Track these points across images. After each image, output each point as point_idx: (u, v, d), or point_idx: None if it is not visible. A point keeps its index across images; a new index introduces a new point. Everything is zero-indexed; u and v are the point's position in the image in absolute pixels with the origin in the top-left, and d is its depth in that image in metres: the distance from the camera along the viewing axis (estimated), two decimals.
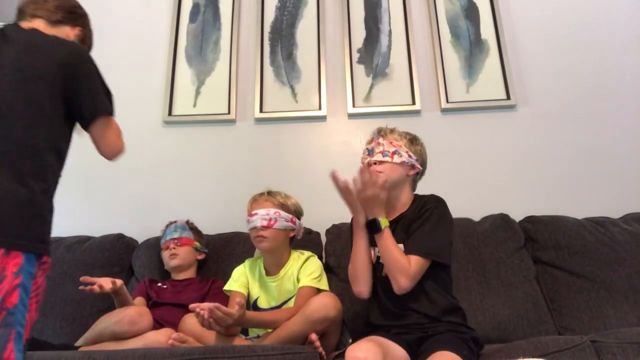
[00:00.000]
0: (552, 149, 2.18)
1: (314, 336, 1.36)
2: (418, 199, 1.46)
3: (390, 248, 1.31)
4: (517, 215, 1.94)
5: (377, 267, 1.40)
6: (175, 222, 1.89)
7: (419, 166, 1.47)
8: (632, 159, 2.15)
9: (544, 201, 2.08)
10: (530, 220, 1.91)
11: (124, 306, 1.56)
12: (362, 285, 1.40)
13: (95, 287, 1.49)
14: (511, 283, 1.71)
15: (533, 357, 1.13)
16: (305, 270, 1.61)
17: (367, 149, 1.49)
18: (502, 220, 1.88)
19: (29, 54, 1.10)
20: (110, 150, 1.19)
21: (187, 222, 1.90)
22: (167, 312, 1.64)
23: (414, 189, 1.51)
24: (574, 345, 1.19)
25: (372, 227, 1.34)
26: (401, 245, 1.37)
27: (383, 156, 1.43)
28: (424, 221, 1.36)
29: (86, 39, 1.34)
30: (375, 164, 1.43)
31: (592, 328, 1.60)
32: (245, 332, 1.60)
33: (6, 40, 1.12)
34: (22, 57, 1.09)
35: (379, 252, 1.36)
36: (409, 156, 1.44)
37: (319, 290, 1.56)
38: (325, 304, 1.41)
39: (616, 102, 2.24)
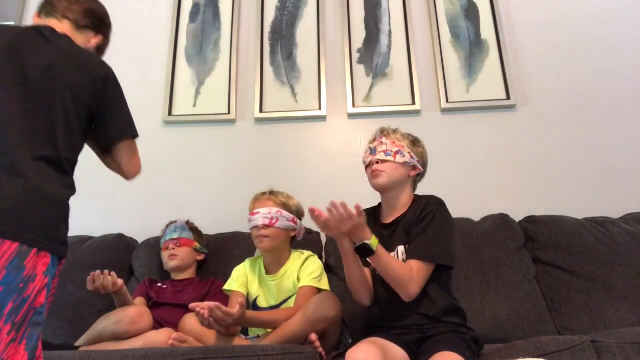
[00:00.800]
0: (552, 149, 2.18)
1: (314, 336, 1.36)
2: (418, 200, 1.45)
3: (389, 266, 1.29)
4: (517, 215, 1.94)
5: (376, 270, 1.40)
6: (175, 222, 1.88)
7: (420, 167, 1.47)
8: (632, 159, 2.15)
9: (544, 201, 2.08)
10: (530, 220, 1.91)
11: (124, 306, 1.56)
12: (362, 297, 1.42)
13: (101, 289, 1.52)
14: (511, 283, 1.71)
15: (533, 357, 1.13)
16: (305, 270, 1.61)
17: (369, 147, 1.49)
18: (502, 220, 1.88)
19: (63, 61, 1.11)
20: (135, 171, 1.27)
21: (187, 223, 1.90)
22: (167, 312, 1.64)
23: (414, 190, 1.51)
24: (574, 345, 1.19)
25: (364, 252, 1.28)
26: (401, 247, 1.37)
27: (386, 155, 1.43)
28: (426, 225, 1.35)
29: (103, 48, 1.37)
30: (377, 162, 1.43)
31: (592, 328, 1.60)
32: (245, 332, 1.60)
33: (46, 40, 1.12)
34: (58, 63, 1.10)
35: (379, 271, 1.35)
36: (411, 157, 1.44)
37: (319, 290, 1.56)
38: (325, 304, 1.41)
39: (616, 102, 2.24)
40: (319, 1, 2.47)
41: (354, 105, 2.28)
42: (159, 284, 1.76)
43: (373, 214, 1.53)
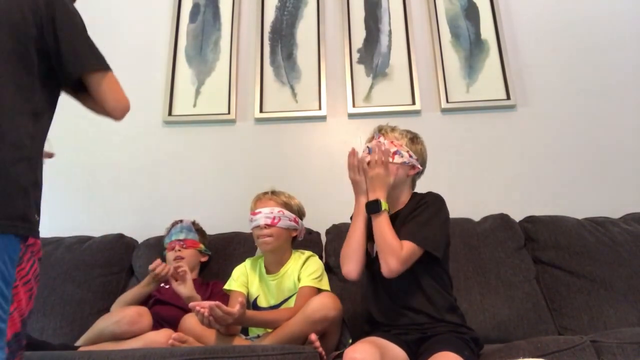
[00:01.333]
0: (552, 149, 2.18)
1: (313, 336, 1.36)
2: (416, 197, 1.45)
3: (385, 230, 1.31)
4: (517, 215, 1.94)
5: (376, 262, 1.39)
6: (181, 221, 1.87)
7: (419, 166, 1.47)
8: (632, 159, 2.15)
9: (544, 201, 2.08)
10: (530, 220, 1.91)
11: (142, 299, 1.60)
12: (352, 264, 1.38)
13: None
14: (511, 283, 1.71)
15: (533, 357, 1.13)
16: (306, 270, 1.61)
17: (367, 147, 1.48)
18: (502, 220, 1.88)
19: None
20: (119, 106, 1.07)
21: (193, 223, 1.89)
22: (167, 311, 1.64)
23: (413, 187, 1.51)
24: (574, 345, 1.19)
25: (372, 207, 1.34)
26: None
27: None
28: (419, 212, 1.36)
29: None
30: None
31: (592, 328, 1.60)
32: (245, 332, 1.60)
33: None
34: None
35: (374, 233, 1.35)
36: (410, 156, 1.44)
37: (319, 290, 1.56)
38: (325, 304, 1.41)
39: (616, 102, 2.24)
40: (319, 1, 2.47)
41: (354, 105, 2.28)
42: (162, 284, 1.76)
43: None
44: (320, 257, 1.81)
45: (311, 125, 2.29)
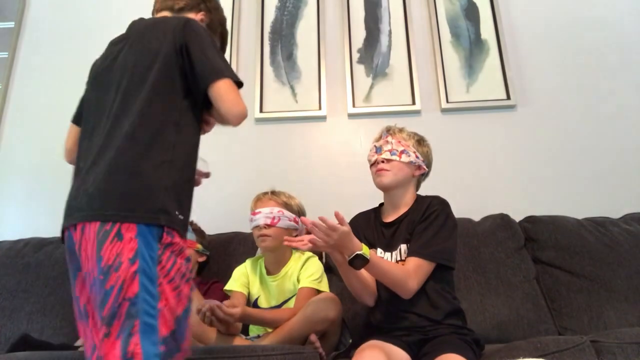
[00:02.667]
0: (552, 149, 2.18)
1: (313, 337, 1.36)
2: (421, 200, 1.45)
3: (385, 271, 1.28)
4: (517, 215, 1.94)
5: None
6: None
7: (425, 167, 1.47)
8: (632, 159, 2.15)
9: (544, 201, 2.08)
10: (530, 220, 1.91)
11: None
12: (366, 300, 1.40)
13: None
14: (511, 283, 1.71)
15: (533, 357, 1.13)
16: (305, 271, 1.61)
17: (374, 146, 1.49)
18: (502, 220, 1.88)
19: (145, 33, 1.15)
20: (233, 111, 1.08)
21: (191, 223, 1.88)
22: None
23: (417, 189, 1.51)
24: (574, 345, 1.19)
25: (358, 263, 1.23)
26: (404, 246, 1.37)
27: (391, 154, 1.43)
28: (428, 224, 1.35)
29: (212, 23, 1.34)
30: (383, 162, 1.43)
31: (592, 328, 1.60)
32: (245, 332, 1.60)
33: (130, 29, 1.24)
34: (139, 38, 1.14)
35: (375, 277, 1.34)
36: (416, 156, 1.44)
37: (319, 292, 1.56)
38: (325, 305, 1.41)
39: (616, 102, 2.24)
40: (319, 1, 2.47)
41: (354, 105, 2.28)
42: None
43: (374, 213, 1.53)
44: (320, 258, 1.81)
45: (311, 125, 2.29)
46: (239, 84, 1.11)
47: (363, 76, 2.34)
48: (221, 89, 1.07)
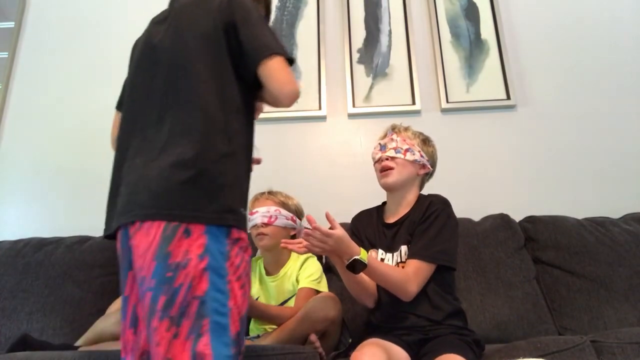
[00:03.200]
0: (552, 149, 2.18)
1: (313, 337, 1.36)
2: (422, 199, 1.44)
3: (383, 274, 1.27)
4: (517, 215, 1.94)
5: None
6: None
7: (429, 166, 1.47)
8: (632, 159, 2.15)
9: (544, 201, 2.08)
10: (530, 220, 1.91)
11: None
12: (366, 302, 1.40)
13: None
14: (511, 283, 1.71)
15: (533, 357, 1.13)
16: (304, 271, 1.61)
17: (379, 144, 1.48)
18: (502, 220, 1.88)
19: (189, 12, 1.06)
20: (285, 90, 1.02)
21: None
22: None
23: (421, 189, 1.51)
24: (574, 345, 1.19)
25: (357, 268, 1.22)
26: (404, 247, 1.37)
27: (396, 152, 1.42)
28: (429, 225, 1.34)
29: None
30: (387, 159, 1.43)
31: (592, 328, 1.60)
32: (245, 332, 1.60)
33: (172, 6, 1.14)
34: (184, 18, 1.06)
35: (374, 281, 1.33)
36: (421, 155, 1.44)
37: (318, 292, 1.56)
38: (325, 304, 1.41)
39: (616, 102, 2.24)
40: (319, 1, 2.47)
41: (354, 105, 2.28)
42: None
43: (377, 213, 1.52)
44: (320, 258, 1.81)
45: (311, 125, 2.29)
46: (291, 61, 1.04)
47: (363, 76, 2.34)
48: (272, 67, 0.99)
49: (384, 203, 1.53)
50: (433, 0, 2.44)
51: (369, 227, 1.49)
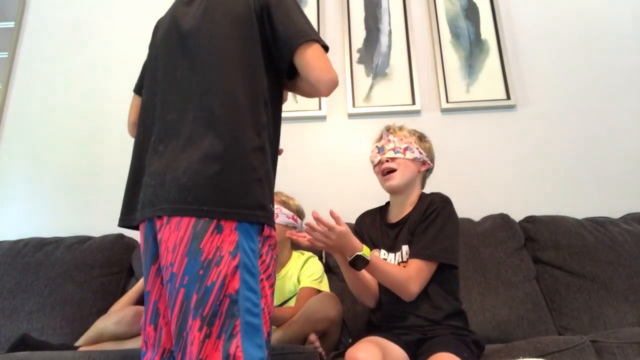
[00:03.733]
0: (552, 149, 2.18)
1: (313, 336, 1.36)
2: (423, 198, 1.44)
3: (386, 273, 1.27)
4: (517, 215, 1.94)
5: None
6: None
7: (429, 162, 1.47)
8: (632, 159, 2.15)
9: (544, 201, 2.08)
10: (530, 220, 1.91)
11: None
12: (367, 301, 1.41)
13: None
14: (511, 283, 1.71)
15: (533, 357, 1.13)
16: (305, 271, 1.61)
17: (376, 147, 1.48)
18: (502, 220, 1.88)
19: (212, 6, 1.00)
20: (324, 79, 0.96)
21: None
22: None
23: (423, 186, 1.50)
24: (574, 345, 1.19)
25: (359, 264, 1.24)
26: (405, 247, 1.36)
27: (395, 153, 1.41)
28: (429, 223, 1.33)
29: None
30: (387, 161, 1.42)
31: (592, 328, 1.60)
32: None
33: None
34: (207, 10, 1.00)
35: (376, 279, 1.33)
36: (420, 152, 1.44)
37: (319, 292, 1.56)
38: (325, 304, 1.41)
39: (616, 102, 2.24)
40: (319, 1, 2.46)
41: (354, 105, 2.28)
42: None
43: (380, 213, 1.52)
44: (321, 257, 1.81)
45: (311, 125, 2.29)
46: (326, 49, 0.99)
47: (363, 76, 2.34)
48: (310, 54, 0.94)
49: (388, 203, 1.53)
50: (433, 0, 2.44)
51: (373, 227, 1.49)
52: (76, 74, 2.44)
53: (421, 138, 1.49)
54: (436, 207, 1.36)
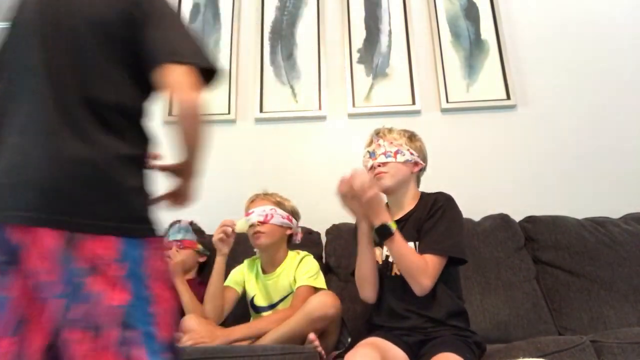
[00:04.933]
0: (552, 149, 2.18)
1: (312, 336, 1.36)
2: (425, 197, 1.44)
3: (405, 252, 1.28)
4: (517, 215, 1.94)
5: (385, 266, 1.38)
6: (179, 222, 1.86)
7: (421, 162, 1.47)
8: (632, 159, 2.14)
9: (544, 201, 2.08)
10: (530, 220, 1.91)
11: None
12: (369, 292, 1.39)
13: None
14: (511, 283, 1.71)
15: (533, 357, 1.13)
16: (300, 269, 1.62)
17: (367, 151, 1.48)
18: (502, 220, 1.88)
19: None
20: (184, 104, 0.92)
21: (191, 223, 1.89)
22: None
23: (418, 185, 1.51)
24: (574, 345, 1.19)
25: (383, 233, 1.28)
26: (411, 244, 1.36)
27: (386, 157, 1.42)
28: (437, 220, 1.34)
29: None
30: (379, 165, 1.42)
31: (592, 328, 1.60)
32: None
33: None
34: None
35: (393, 257, 1.33)
36: (411, 153, 1.44)
37: (316, 289, 1.56)
38: (324, 302, 1.41)
39: (616, 102, 2.24)
40: (319, 1, 2.46)
41: (354, 105, 2.28)
42: None
43: None
44: (320, 257, 1.81)
45: (311, 125, 2.29)
46: (209, 74, 0.92)
47: (363, 76, 2.34)
48: (171, 75, 0.87)
49: (386, 204, 1.53)
50: (433, 0, 2.44)
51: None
52: None
53: (411, 138, 1.49)
54: (442, 204, 1.38)
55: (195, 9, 2.50)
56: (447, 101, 2.25)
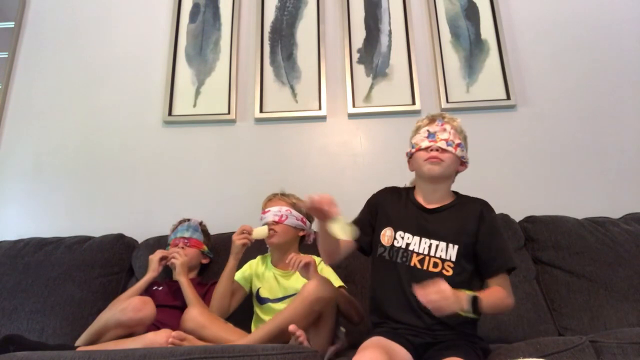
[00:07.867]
0: (552, 149, 2.18)
1: (293, 327, 1.33)
2: (463, 198, 1.43)
3: (493, 303, 1.23)
4: (517, 215, 1.94)
5: (401, 254, 1.32)
6: (189, 220, 1.89)
7: (467, 164, 1.45)
8: (632, 159, 2.15)
9: (544, 201, 2.08)
10: (530, 220, 1.91)
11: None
12: (333, 258, 1.41)
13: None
14: (511, 283, 1.70)
15: (533, 357, 1.13)
16: (323, 273, 1.61)
17: (427, 130, 1.38)
18: (502, 220, 1.87)
19: None
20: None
21: (200, 224, 1.91)
22: (162, 314, 1.61)
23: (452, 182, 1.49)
24: (573, 345, 1.19)
25: (476, 308, 1.16)
26: (443, 244, 1.30)
27: (447, 145, 1.35)
28: (493, 236, 1.33)
29: None
30: (438, 150, 1.35)
31: (592, 328, 1.60)
32: (248, 330, 1.60)
33: None
34: None
35: (486, 313, 1.26)
36: (465, 152, 1.41)
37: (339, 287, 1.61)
38: (318, 285, 1.41)
39: (616, 102, 2.24)
40: (319, 1, 2.47)
41: (354, 105, 2.28)
42: (154, 287, 1.75)
43: (406, 194, 1.45)
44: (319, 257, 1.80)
45: (311, 125, 2.29)
46: None
47: (363, 76, 2.34)
48: None
49: (413, 187, 1.47)
50: (433, 0, 2.44)
51: (398, 203, 1.42)
52: (76, 74, 2.44)
53: (465, 139, 1.46)
54: (492, 216, 1.37)
55: (195, 9, 2.50)
56: (447, 101, 2.25)
